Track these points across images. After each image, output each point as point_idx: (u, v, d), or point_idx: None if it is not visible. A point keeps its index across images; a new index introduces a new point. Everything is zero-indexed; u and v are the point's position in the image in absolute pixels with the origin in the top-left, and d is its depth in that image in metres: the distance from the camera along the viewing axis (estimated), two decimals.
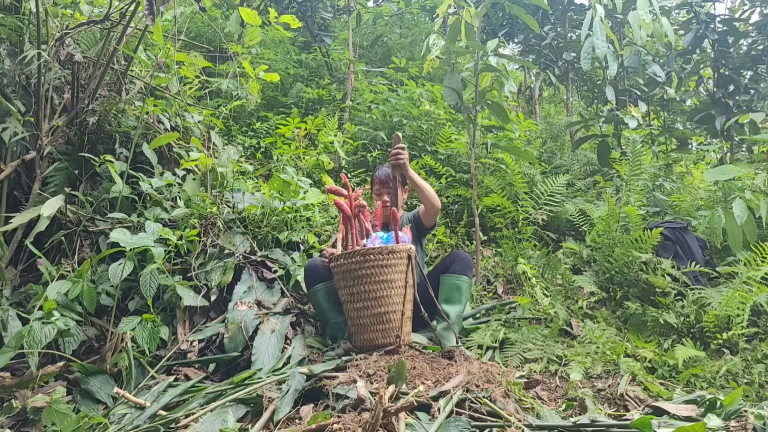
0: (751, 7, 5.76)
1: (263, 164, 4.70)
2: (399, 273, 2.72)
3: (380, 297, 2.69)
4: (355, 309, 2.73)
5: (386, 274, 2.70)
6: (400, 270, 2.72)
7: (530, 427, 1.91)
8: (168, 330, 2.94)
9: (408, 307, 2.76)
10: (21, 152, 3.38)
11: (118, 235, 2.85)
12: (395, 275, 2.71)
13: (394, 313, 2.69)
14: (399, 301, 2.70)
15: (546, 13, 6.80)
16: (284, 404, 2.08)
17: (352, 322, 2.77)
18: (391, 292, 2.70)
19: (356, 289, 2.72)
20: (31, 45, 3.37)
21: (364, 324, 2.71)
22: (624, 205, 3.96)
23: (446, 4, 3.93)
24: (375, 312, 2.69)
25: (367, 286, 2.70)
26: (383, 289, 2.70)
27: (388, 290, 2.70)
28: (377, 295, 2.70)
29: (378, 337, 2.69)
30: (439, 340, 2.79)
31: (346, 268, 2.74)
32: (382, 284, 2.70)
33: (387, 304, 2.69)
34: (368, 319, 2.70)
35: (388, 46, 7.75)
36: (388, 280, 2.70)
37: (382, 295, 2.69)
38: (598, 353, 2.82)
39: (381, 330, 2.69)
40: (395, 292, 2.71)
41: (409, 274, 2.73)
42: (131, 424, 2.16)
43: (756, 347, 2.88)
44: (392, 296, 2.70)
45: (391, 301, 2.70)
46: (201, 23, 5.91)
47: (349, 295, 2.76)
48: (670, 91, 5.60)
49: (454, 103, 4.01)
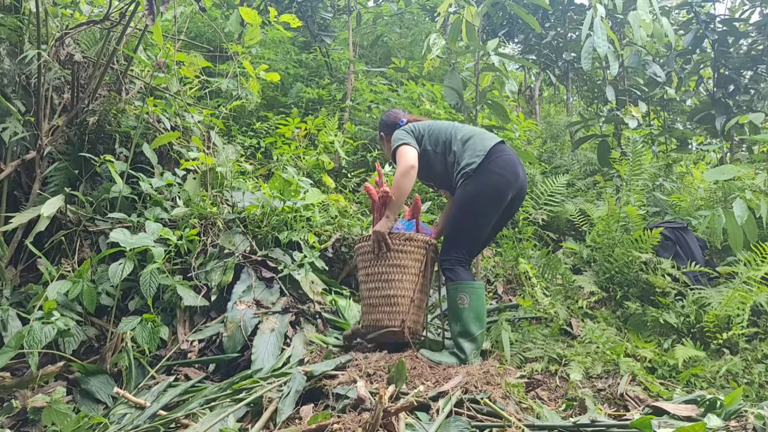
0: (751, 7, 5.76)
1: (263, 164, 4.70)
2: (413, 260, 2.78)
3: (392, 280, 2.75)
4: (367, 289, 2.81)
5: (400, 259, 2.76)
6: (415, 258, 2.78)
7: (530, 427, 1.91)
8: (168, 330, 2.94)
9: (420, 297, 2.79)
10: (21, 152, 3.38)
11: (118, 235, 2.85)
12: (409, 262, 2.77)
13: (402, 297, 2.73)
14: (410, 288, 2.75)
15: (546, 13, 6.80)
16: (286, 406, 2.08)
17: (363, 302, 2.84)
18: (402, 276, 2.75)
19: (371, 270, 2.80)
20: (31, 45, 3.37)
21: (373, 304, 2.77)
22: (624, 205, 3.96)
23: (447, 3, 3.94)
24: (384, 294, 2.75)
25: (380, 268, 2.77)
26: (396, 273, 2.75)
27: (400, 275, 2.75)
28: (389, 278, 2.75)
29: (384, 318, 2.74)
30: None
31: (365, 249, 2.84)
32: (395, 268, 2.76)
33: (397, 288, 2.74)
34: (377, 299, 2.76)
35: (388, 46, 7.74)
36: (402, 265, 2.76)
37: (394, 278, 2.75)
38: (598, 353, 2.82)
39: (388, 312, 2.74)
40: (407, 278, 2.75)
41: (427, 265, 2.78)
42: (131, 424, 2.16)
43: (756, 347, 2.88)
44: (403, 281, 2.75)
45: (401, 285, 2.74)
46: (201, 23, 5.91)
47: (365, 275, 2.84)
48: (670, 91, 5.60)
49: (455, 102, 4.01)
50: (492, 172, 2.78)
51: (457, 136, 2.95)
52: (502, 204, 2.81)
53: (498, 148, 2.85)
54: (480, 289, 2.79)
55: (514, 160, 2.86)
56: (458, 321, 2.72)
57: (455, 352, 2.68)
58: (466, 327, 2.70)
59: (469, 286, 2.74)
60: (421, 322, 2.84)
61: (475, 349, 2.70)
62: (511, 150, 2.92)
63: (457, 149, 2.91)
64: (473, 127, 3.07)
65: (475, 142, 2.87)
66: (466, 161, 2.83)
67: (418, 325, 2.81)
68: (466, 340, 2.69)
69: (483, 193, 2.77)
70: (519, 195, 2.92)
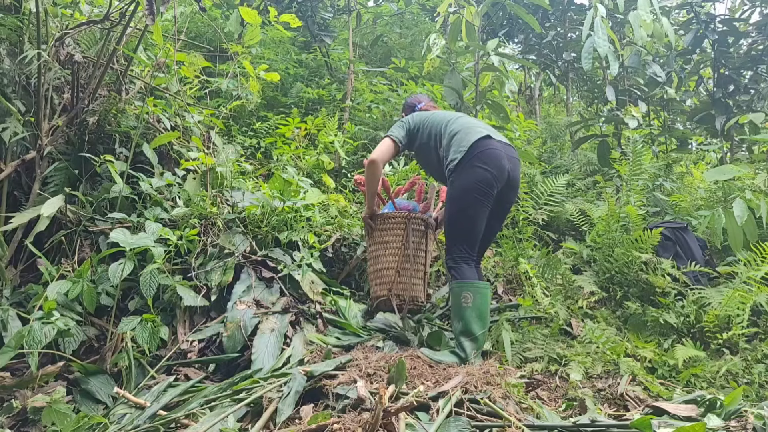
0: (751, 7, 5.75)
1: (263, 164, 4.70)
2: (394, 236, 3.16)
3: (378, 255, 3.20)
4: (369, 265, 3.29)
5: (383, 237, 3.19)
6: (395, 233, 3.17)
7: (530, 427, 1.91)
8: (168, 330, 2.93)
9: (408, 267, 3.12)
10: (21, 152, 3.38)
11: (118, 235, 2.85)
12: (390, 237, 3.17)
13: (387, 270, 3.15)
14: (393, 260, 3.15)
15: (546, 13, 6.80)
16: (286, 406, 2.08)
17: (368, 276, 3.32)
18: (386, 251, 3.18)
19: (367, 248, 3.32)
20: (31, 45, 3.37)
21: (371, 279, 3.25)
22: (624, 205, 3.96)
23: (447, 3, 3.94)
24: (375, 268, 3.20)
25: (371, 247, 3.26)
26: (380, 249, 3.20)
27: (384, 250, 3.18)
28: (376, 254, 3.21)
29: (377, 290, 3.18)
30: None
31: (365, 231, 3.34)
32: (379, 245, 3.20)
33: (382, 262, 3.18)
34: (372, 274, 3.24)
35: (388, 46, 7.74)
36: (384, 241, 3.19)
37: (379, 254, 3.19)
38: (598, 353, 2.82)
39: (379, 284, 3.17)
40: (390, 252, 3.17)
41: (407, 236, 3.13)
42: (131, 424, 2.16)
43: (756, 347, 2.88)
44: (387, 255, 3.17)
45: (386, 259, 3.17)
46: (201, 23, 5.91)
47: (366, 253, 3.35)
48: (670, 91, 5.60)
49: (455, 102, 4.01)
50: (474, 167, 2.78)
51: (447, 129, 2.97)
52: (489, 196, 2.80)
53: (482, 143, 2.83)
54: (485, 290, 2.79)
55: (499, 153, 2.83)
56: (460, 320, 2.72)
57: (455, 350, 2.69)
58: (468, 326, 2.70)
59: (473, 286, 2.74)
60: (415, 289, 3.13)
61: (476, 348, 2.70)
62: (498, 143, 2.89)
63: (445, 143, 2.93)
64: (466, 120, 3.05)
65: (461, 137, 2.88)
66: (451, 157, 2.85)
67: (413, 292, 3.12)
68: (467, 339, 2.69)
69: (467, 187, 2.78)
70: (509, 187, 2.91)
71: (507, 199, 2.97)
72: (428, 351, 2.66)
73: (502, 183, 2.82)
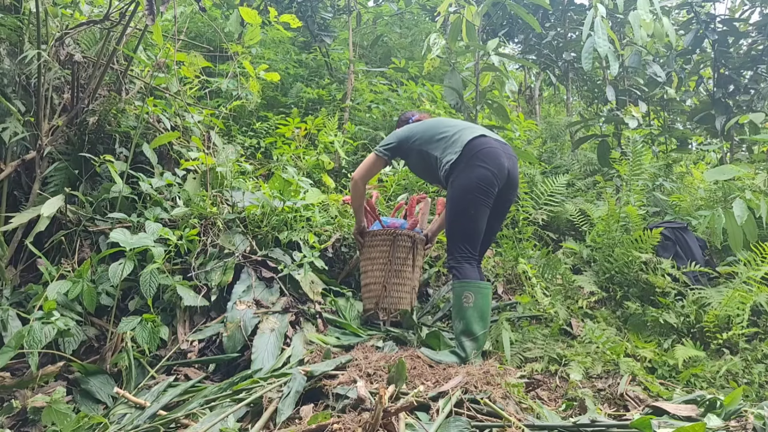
0: (751, 7, 5.76)
1: (263, 164, 4.70)
2: (380, 252, 3.26)
3: (366, 271, 3.31)
4: (360, 279, 3.39)
5: (370, 253, 3.30)
6: (381, 250, 3.26)
7: (530, 427, 1.91)
8: (168, 330, 2.93)
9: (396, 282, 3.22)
10: (21, 152, 3.38)
11: (118, 235, 2.85)
12: (376, 253, 3.27)
13: (375, 284, 3.24)
14: (380, 275, 3.23)
15: (546, 13, 6.80)
16: (286, 406, 2.08)
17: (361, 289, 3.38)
18: (373, 266, 3.27)
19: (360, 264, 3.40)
20: (31, 45, 3.37)
21: (362, 292, 3.33)
22: (624, 205, 3.96)
23: (447, 2, 3.94)
24: (365, 283, 3.31)
25: (362, 262, 3.36)
26: (368, 264, 3.30)
27: (372, 265, 3.28)
28: (365, 269, 3.32)
29: (366, 304, 3.28)
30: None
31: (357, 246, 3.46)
32: (368, 260, 3.31)
33: (370, 277, 3.28)
34: (362, 288, 3.33)
35: (388, 46, 7.74)
36: (372, 257, 3.29)
37: (368, 269, 3.30)
38: (598, 353, 2.82)
39: (368, 297, 3.27)
40: (377, 267, 3.26)
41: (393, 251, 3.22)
42: (131, 424, 2.16)
43: (756, 347, 2.88)
44: (374, 270, 3.26)
45: (373, 274, 3.27)
46: (201, 23, 5.91)
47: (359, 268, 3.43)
48: (670, 91, 5.60)
49: (455, 102, 4.01)
50: (474, 166, 2.79)
51: (440, 132, 2.99)
52: (490, 195, 2.81)
53: (478, 142, 2.84)
54: (486, 290, 2.80)
55: (497, 151, 2.84)
56: (461, 319, 2.72)
57: (456, 350, 2.69)
58: (468, 326, 2.70)
59: (475, 286, 2.75)
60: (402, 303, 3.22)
61: (476, 348, 2.70)
62: (494, 142, 2.90)
63: (439, 146, 2.95)
64: (457, 122, 3.08)
65: (456, 138, 2.90)
66: (448, 158, 2.86)
67: (399, 305, 3.20)
68: (468, 339, 2.69)
69: (468, 186, 2.78)
70: (509, 186, 2.92)
71: (507, 197, 2.97)
72: (428, 351, 2.66)
73: (502, 181, 2.83)
